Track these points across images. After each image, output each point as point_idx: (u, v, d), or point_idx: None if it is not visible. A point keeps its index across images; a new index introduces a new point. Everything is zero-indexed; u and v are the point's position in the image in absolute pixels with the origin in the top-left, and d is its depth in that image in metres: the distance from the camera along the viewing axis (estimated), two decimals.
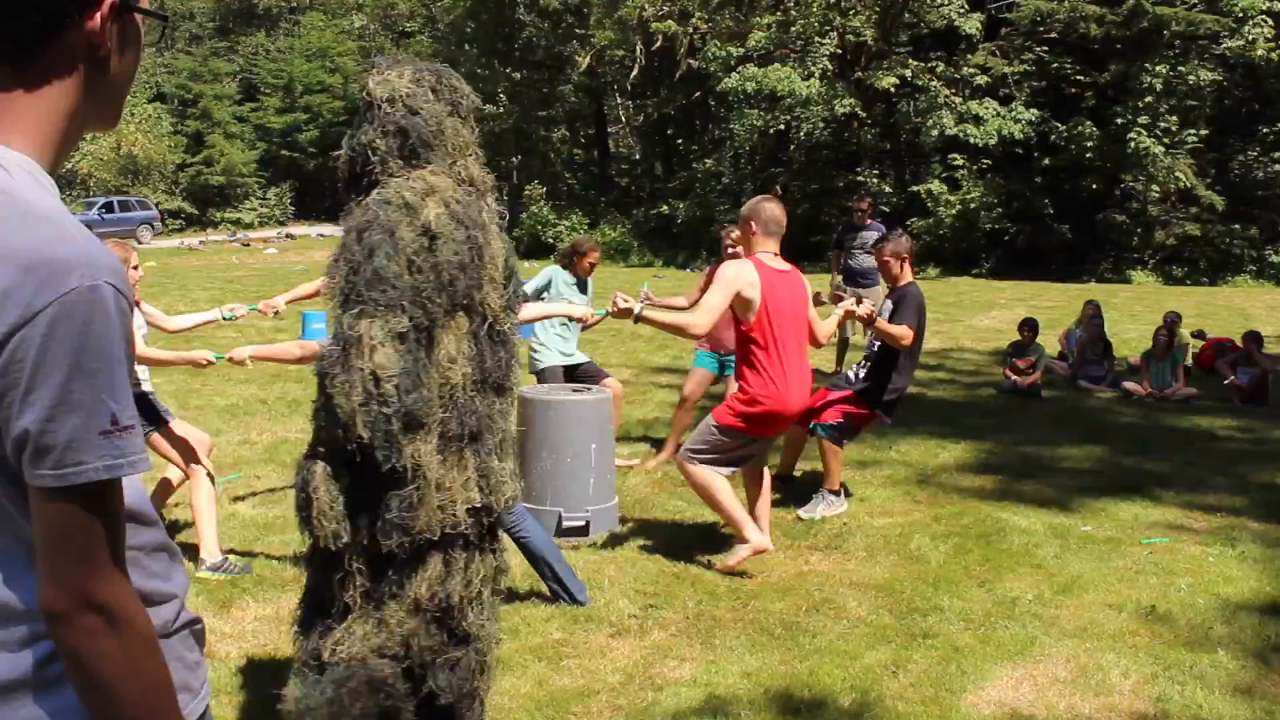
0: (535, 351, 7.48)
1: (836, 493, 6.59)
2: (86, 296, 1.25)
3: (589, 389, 6.59)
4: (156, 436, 5.41)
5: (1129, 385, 10.98)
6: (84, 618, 1.27)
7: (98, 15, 1.36)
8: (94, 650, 1.28)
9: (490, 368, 2.92)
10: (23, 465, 1.26)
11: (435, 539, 2.82)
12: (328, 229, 42.44)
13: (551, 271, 7.60)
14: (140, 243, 37.07)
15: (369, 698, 2.80)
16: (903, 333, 6.41)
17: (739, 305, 5.43)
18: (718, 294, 5.36)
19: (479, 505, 2.90)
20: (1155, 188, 28.23)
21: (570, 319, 6.69)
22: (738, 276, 5.42)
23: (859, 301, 6.47)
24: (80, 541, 1.27)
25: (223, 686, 4.13)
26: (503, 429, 2.99)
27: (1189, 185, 27.44)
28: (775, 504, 6.73)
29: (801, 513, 6.47)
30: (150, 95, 51.10)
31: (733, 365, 6.50)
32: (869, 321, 6.42)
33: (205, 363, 5.46)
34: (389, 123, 2.94)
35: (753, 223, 5.59)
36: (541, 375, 7.38)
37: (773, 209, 5.67)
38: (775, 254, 5.61)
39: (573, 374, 7.46)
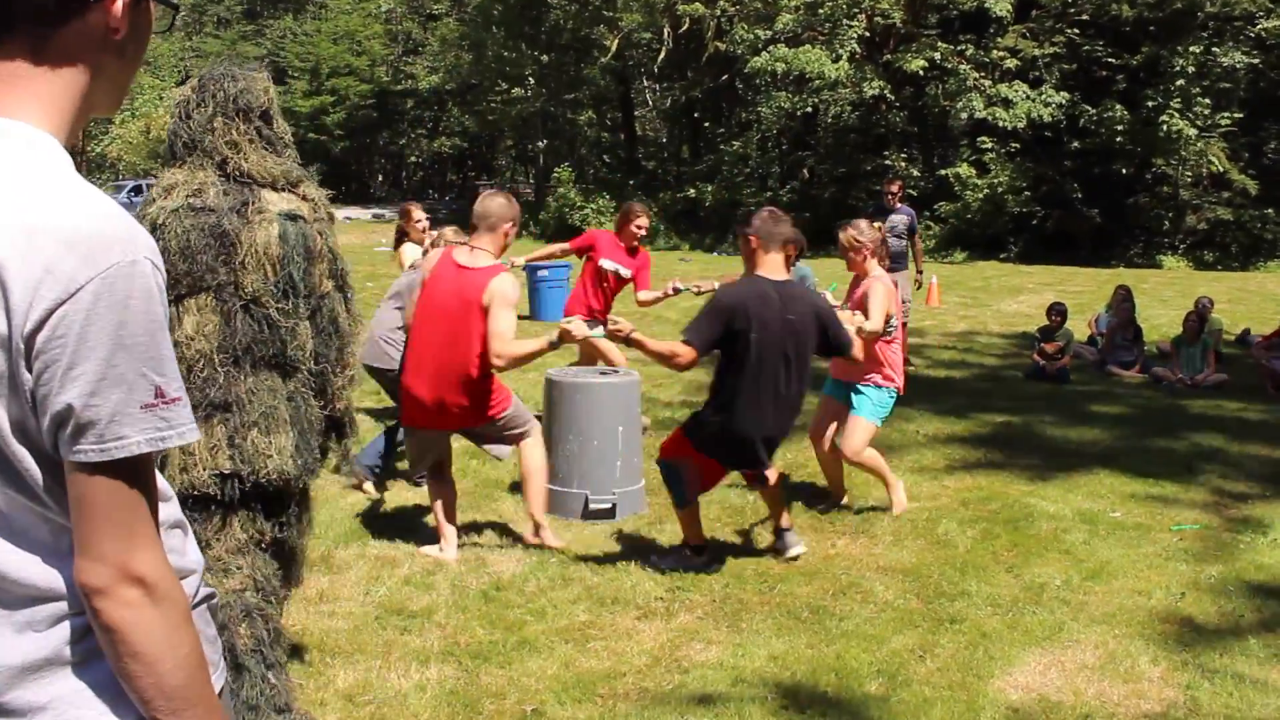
0: None
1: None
2: (127, 271, 1.26)
3: (616, 371, 6.59)
4: None
5: (1159, 371, 10.89)
6: (125, 590, 1.28)
7: (119, 1, 1.37)
8: (135, 622, 1.29)
9: (250, 344, 3.17)
10: (60, 442, 1.27)
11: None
12: (355, 211, 42.57)
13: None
14: None
15: None
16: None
17: None
18: None
19: (227, 472, 3.15)
20: (1187, 172, 27.92)
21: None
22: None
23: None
24: (120, 515, 1.28)
25: None
26: (271, 405, 3.22)
27: (1221, 169, 27.13)
28: (798, 492, 6.73)
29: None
30: (179, 79, 51.30)
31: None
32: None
33: None
34: (169, 127, 3.45)
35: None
36: None
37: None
38: (474, 247, 5.35)
39: None
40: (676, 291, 7.58)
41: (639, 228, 7.73)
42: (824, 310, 5.36)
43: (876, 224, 11.04)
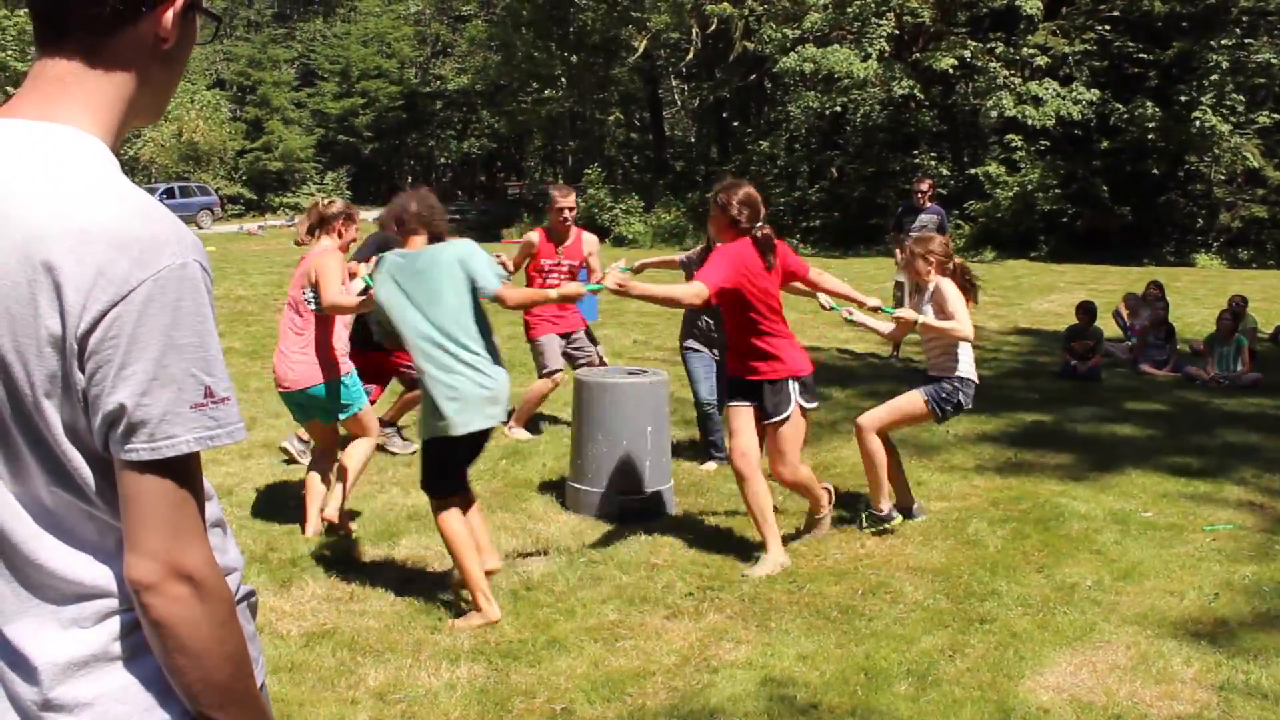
0: None
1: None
2: (178, 274, 1.29)
3: (645, 371, 6.60)
4: None
5: (1191, 369, 10.79)
6: (174, 587, 1.30)
7: (170, 10, 1.39)
8: (184, 618, 1.31)
9: None
10: (111, 441, 1.29)
11: None
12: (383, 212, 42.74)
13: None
14: (200, 228, 37.63)
15: None
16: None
17: None
18: None
19: None
20: (1220, 169, 27.64)
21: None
22: None
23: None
24: (169, 512, 1.31)
25: (283, 664, 4.21)
26: None
27: (1256, 166, 26.83)
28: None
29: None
30: (210, 82, 51.77)
31: None
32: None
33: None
34: None
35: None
36: None
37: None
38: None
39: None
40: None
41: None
42: None
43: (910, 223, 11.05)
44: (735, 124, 41.48)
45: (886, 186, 30.94)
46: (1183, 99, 26.50)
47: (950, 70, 28.71)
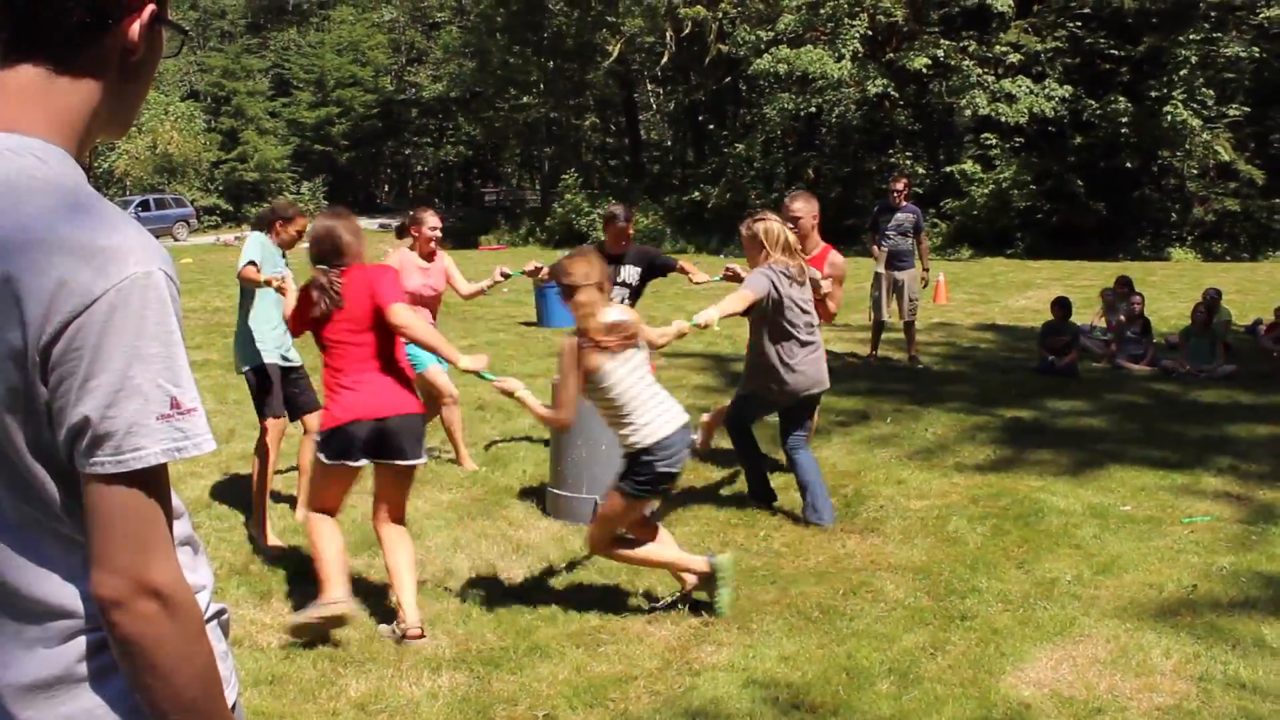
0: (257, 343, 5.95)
1: None
2: (142, 283, 1.27)
3: None
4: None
5: (1168, 363, 10.87)
6: (141, 603, 1.27)
7: (137, 23, 1.38)
8: (151, 635, 1.28)
9: None
10: (76, 454, 1.27)
11: None
12: (362, 221, 42.30)
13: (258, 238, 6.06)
14: (176, 240, 37.45)
15: None
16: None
17: None
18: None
19: None
20: (1193, 163, 27.84)
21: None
22: None
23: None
24: (137, 527, 1.28)
25: (263, 676, 4.18)
26: None
27: (1228, 160, 27.05)
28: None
29: None
30: (184, 93, 51.52)
31: None
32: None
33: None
34: None
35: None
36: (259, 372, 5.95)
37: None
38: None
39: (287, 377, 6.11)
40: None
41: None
42: None
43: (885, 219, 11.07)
44: (711, 127, 41.57)
45: (863, 186, 31.07)
46: (1154, 94, 26.70)
47: (924, 69, 28.86)
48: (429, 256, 6.97)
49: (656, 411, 4.63)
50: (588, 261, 4.66)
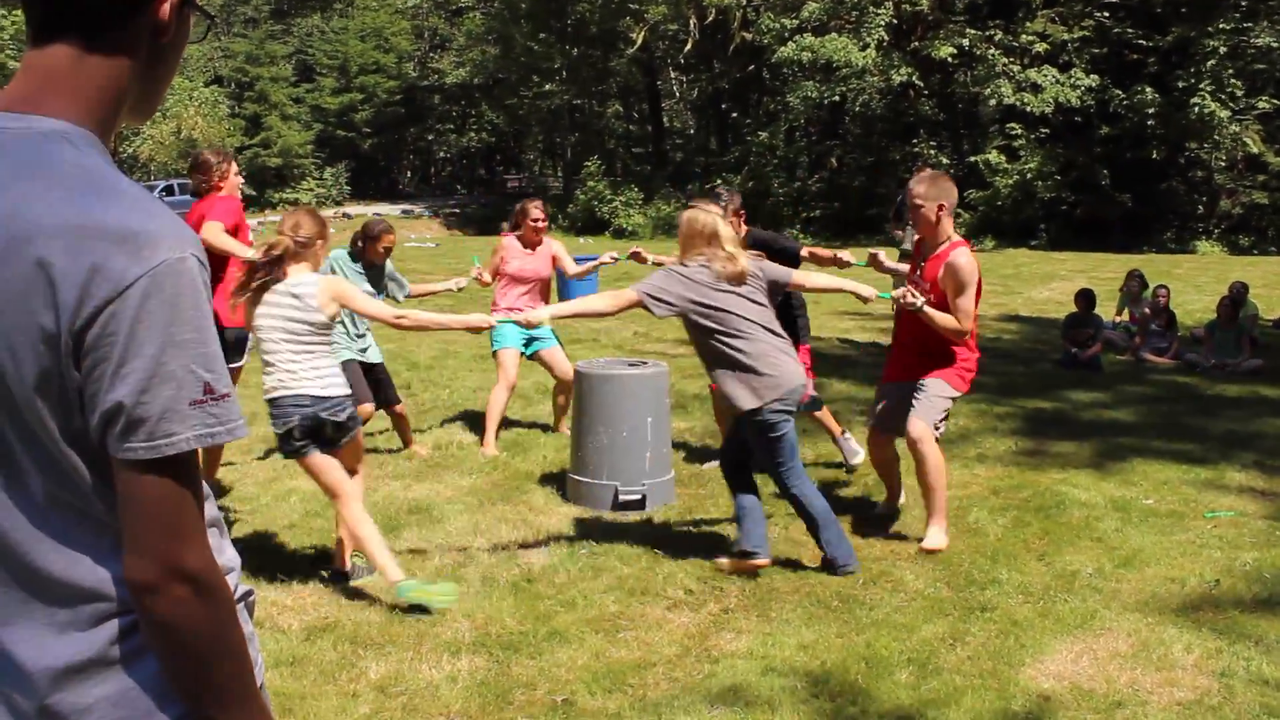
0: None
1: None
2: (175, 269, 1.27)
3: (645, 362, 6.59)
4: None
5: (1193, 356, 10.79)
6: (175, 587, 1.28)
7: (168, 4, 1.38)
8: (184, 619, 1.29)
9: None
10: (109, 439, 1.27)
11: None
12: (384, 208, 42.70)
13: (337, 255, 6.86)
14: None
15: None
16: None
17: None
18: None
19: None
20: (1221, 155, 27.60)
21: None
22: None
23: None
24: (169, 512, 1.29)
25: (284, 658, 4.21)
26: None
27: (1257, 152, 26.80)
28: (833, 478, 6.71)
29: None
30: (208, 79, 51.63)
31: None
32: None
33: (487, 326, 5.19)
34: None
35: None
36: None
37: None
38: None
39: (369, 373, 6.96)
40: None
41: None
42: None
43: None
44: (734, 115, 41.48)
45: (886, 176, 30.93)
46: (1181, 85, 26.46)
47: (949, 59, 28.70)
48: (534, 245, 7.60)
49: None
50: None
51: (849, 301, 7.18)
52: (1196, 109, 25.97)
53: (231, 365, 6.04)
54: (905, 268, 6.31)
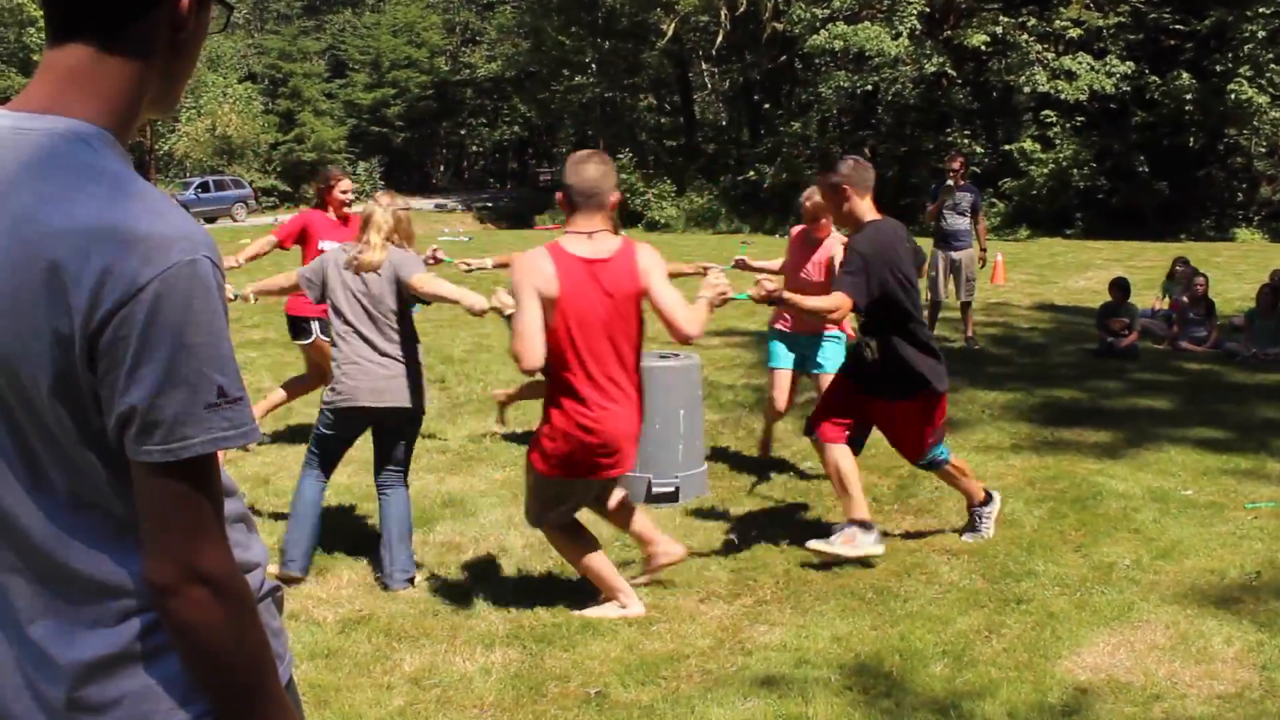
0: None
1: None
2: (188, 271, 1.26)
3: (677, 354, 6.58)
4: None
5: (1232, 345, 10.65)
6: (193, 589, 1.29)
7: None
8: (203, 620, 1.30)
9: None
10: (126, 442, 1.27)
11: None
12: (416, 202, 42.87)
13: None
14: (235, 220, 37.88)
15: None
16: (832, 304, 4.91)
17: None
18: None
19: None
20: (1261, 141, 27.23)
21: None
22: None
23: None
24: (187, 514, 1.29)
25: (319, 650, 4.23)
26: None
27: None
28: (870, 468, 6.68)
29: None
30: (241, 76, 52.01)
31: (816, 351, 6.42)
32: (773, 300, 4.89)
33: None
34: None
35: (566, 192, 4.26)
36: None
37: (588, 170, 4.22)
38: (590, 233, 4.21)
39: None
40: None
41: (344, 192, 7.20)
42: None
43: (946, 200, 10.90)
44: (766, 106, 41.32)
45: (920, 165, 30.73)
46: (1219, 70, 26.12)
47: (982, 46, 28.47)
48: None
49: None
50: None
51: None
52: (1234, 95, 25.62)
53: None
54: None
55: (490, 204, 45.14)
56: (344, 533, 5.64)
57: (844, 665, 4.07)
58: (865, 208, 5.11)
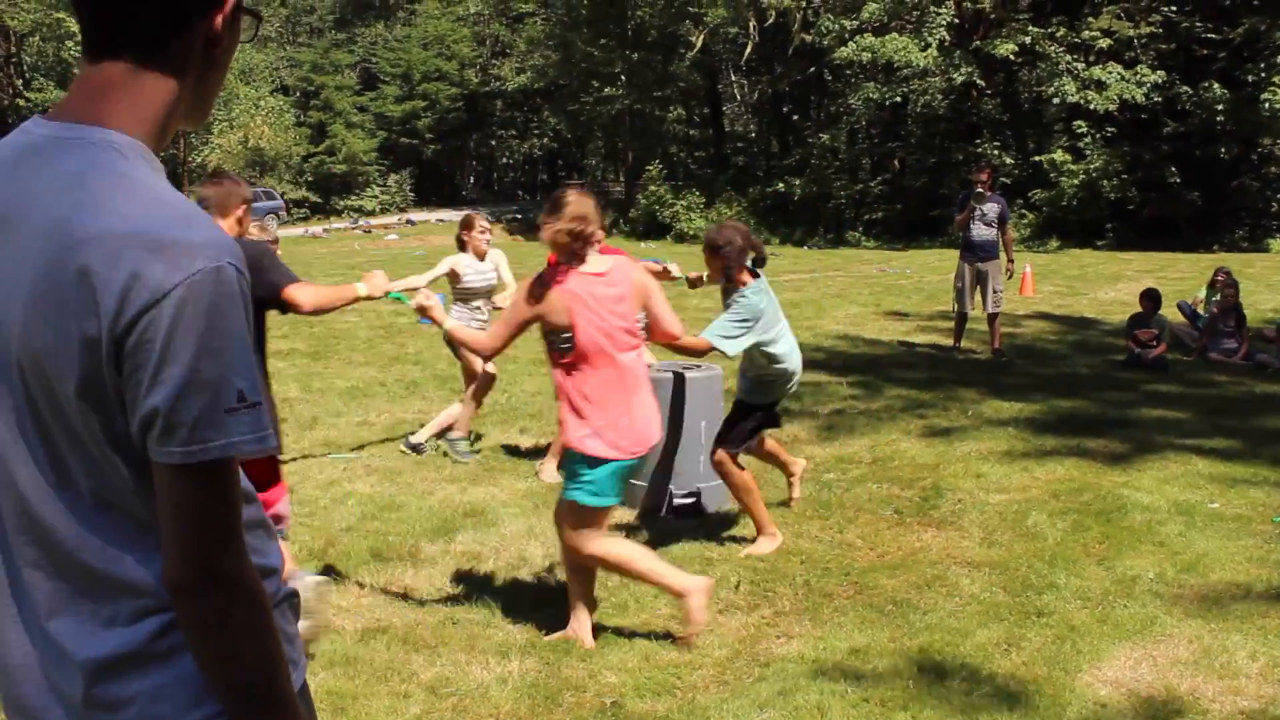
0: None
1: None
2: (212, 277, 1.29)
3: (698, 366, 6.58)
4: None
5: (1263, 357, 10.54)
6: (210, 591, 1.32)
7: (221, 15, 1.41)
8: (219, 622, 1.32)
9: None
10: (148, 443, 1.30)
11: None
12: (447, 214, 43.12)
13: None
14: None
15: None
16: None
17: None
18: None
19: None
20: None
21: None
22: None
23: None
24: (206, 516, 1.31)
25: (338, 658, 4.25)
26: None
27: None
28: (892, 480, 6.65)
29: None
30: (274, 88, 52.46)
31: None
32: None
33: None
34: None
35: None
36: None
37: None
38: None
39: None
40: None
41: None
42: None
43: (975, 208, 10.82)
44: (795, 117, 41.31)
45: (949, 177, 30.60)
46: (1251, 80, 25.87)
47: (1011, 56, 28.33)
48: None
49: None
50: None
51: (906, 303, 7.10)
52: (1268, 104, 25.37)
53: None
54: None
55: (520, 216, 45.25)
56: (366, 543, 5.66)
57: (861, 677, 4.05)
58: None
